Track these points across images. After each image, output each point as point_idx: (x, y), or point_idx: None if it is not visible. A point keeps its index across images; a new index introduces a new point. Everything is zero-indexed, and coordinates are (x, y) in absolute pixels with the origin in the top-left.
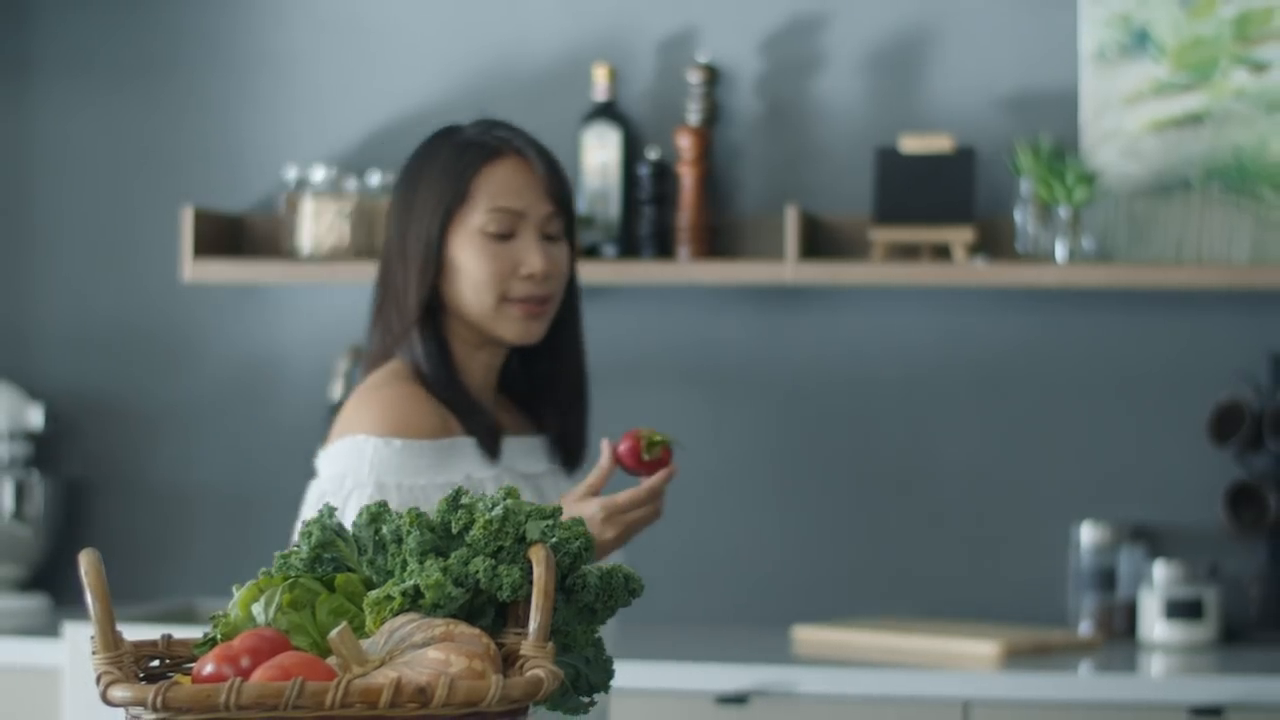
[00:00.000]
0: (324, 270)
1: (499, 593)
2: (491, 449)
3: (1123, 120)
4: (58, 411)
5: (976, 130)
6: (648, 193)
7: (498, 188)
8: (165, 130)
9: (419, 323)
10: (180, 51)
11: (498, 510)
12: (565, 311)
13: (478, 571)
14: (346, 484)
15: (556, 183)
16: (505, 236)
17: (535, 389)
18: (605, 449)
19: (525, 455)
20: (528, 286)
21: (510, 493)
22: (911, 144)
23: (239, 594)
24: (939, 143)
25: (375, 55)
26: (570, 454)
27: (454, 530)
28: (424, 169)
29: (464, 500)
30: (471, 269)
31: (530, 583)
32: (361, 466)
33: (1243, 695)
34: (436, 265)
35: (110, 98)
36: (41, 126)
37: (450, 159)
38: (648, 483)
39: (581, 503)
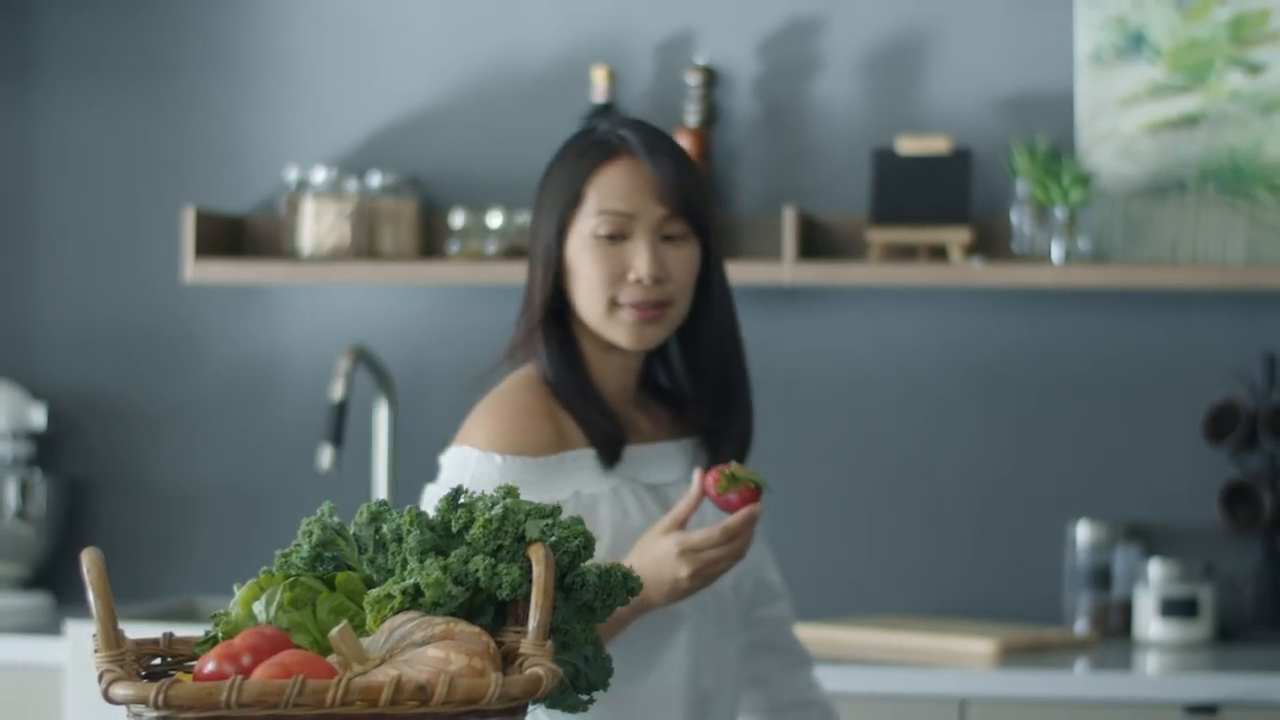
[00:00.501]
0: (325, 271)
1: (498, 591)
2: (608, 457)
3: (1118, 122)
4: (60, 411)
5: (973, 131)
6: None
7: (607, 190)
8: (167, 131)
9: (542, 325)
10: (182, 52)
11: (497, 509)
12: (702, 311)
13: (477, 570)
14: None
15: (673, 185)
16: (616, 239)
17: (685, 393)
18: (696, 478)
19: (655, 463)
20: (636, 291)
21: (510, 492)
22: (908, 145)
23: (240, 592)
24: (936, 144)
25: (376, 56)
26: (716, 459)
27: (454, 529)
28: (553, 168)
29: (463, 499)
30: (584, 272)
31: (529, 581)
32: (463, 479)
33: (1237, 693)
34: (556, 268)
35: (113, 98)
36: (44, 127)
37: (572, 159)
38: (724, 522)
39: (662, 537)
